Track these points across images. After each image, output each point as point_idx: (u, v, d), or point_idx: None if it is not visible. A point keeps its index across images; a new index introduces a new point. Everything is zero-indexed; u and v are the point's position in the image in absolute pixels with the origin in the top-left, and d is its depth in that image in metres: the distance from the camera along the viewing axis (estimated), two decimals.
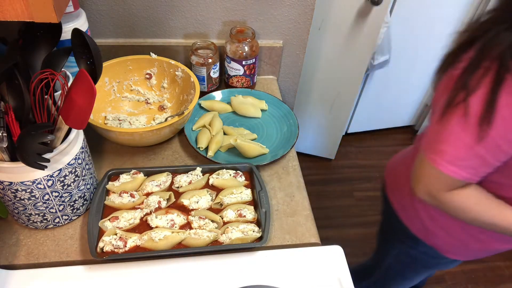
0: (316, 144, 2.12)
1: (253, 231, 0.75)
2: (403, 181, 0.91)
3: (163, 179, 0.83)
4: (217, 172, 0.85)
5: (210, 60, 1.02)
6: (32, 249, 0.73)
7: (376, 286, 1.21)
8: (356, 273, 1.30)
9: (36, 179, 0.64)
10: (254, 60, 1.06)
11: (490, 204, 0.70)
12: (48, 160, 0.61)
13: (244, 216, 0.78)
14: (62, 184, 0.68)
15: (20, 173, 0.63)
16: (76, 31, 0.63)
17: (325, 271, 0.75)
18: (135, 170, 0.83)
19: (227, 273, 0.73)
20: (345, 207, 2.00)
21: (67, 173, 0.68)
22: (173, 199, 0.79)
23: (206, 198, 0.81)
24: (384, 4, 1.46)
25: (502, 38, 0.59)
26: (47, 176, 0.65)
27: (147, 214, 0.77)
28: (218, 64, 1.05)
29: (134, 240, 0.72)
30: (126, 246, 0.71)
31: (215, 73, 1.06)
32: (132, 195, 0.79)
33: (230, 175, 0.84)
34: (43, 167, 0.60)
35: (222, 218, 0.77)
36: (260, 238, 0.75)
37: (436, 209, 0.81)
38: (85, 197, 0.76)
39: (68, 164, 0.67)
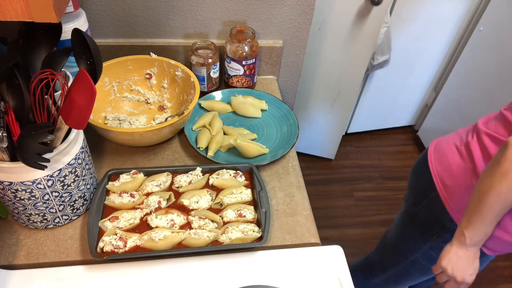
0: (316, 144, 2.12)
1: (253, 231, 0.75)
2: (458, 169, 0.87)
3: (163, 179, 0.83)
4: (217, 172, 0.85)
5: (210, 60, 1.02)
6: (32, 249, 0.73)
7: (389, 282, 1.18)
8: (364, 269, 1.24)
9: (36, 179, 0.64)
10: (254, 60, 1.06)
11: None
12: (48, 160, 0.61)
13: (244, 216, 0.78)
14: (62, 184, 0.68)
15: (20, 173, 0.63)
16: (76, 31, 0.63)
17: (325, 271, 0.75)
18: (135, 170, 0.83)
19: (227, 273, 0.73)
20: (345, 207, 2.00)
21: (67, 173, 0.68)
22: (173, 199, 0.79)
23: (206, 198, 0.81)
24: (384, 4, 1.46)
25: None
26: (47, 176, 0.65)
27: (147, 214, 0.77)
28: (218, 64, 1.05)
29: (134, 240, 0.72)
30: (126, 246, 0.71)
31: (215, 73, 1.06)
32: (132, 195, 0.79)
33: (230, 175, 0.84)
34: (43, 167, 0.60)
35: (222, 218, 0.77)
36: (260, 238, 0.75)
37: None
38: (85, 197, 0.76)
39: (68, 164, 0.67)
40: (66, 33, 0.75)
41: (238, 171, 0.86)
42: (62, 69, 0.71)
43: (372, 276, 1.22)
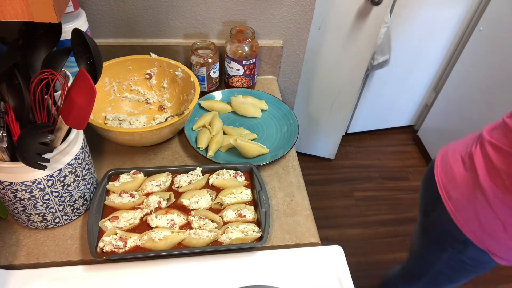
0: (316, 144, 2.12)
1: (253, 231, 0.75)
2: (462, 180, 0.87)
3: (163, 179, 0.83)
4: (217, 172, 0.85)
5: (210, 60, 1.02)
6: (32, 249, 0.73)
7: None
8: (400, 277, 1.22)
9: (36, 179, 0.64)
10: (254, 60, 1.06)
11: None
12: (48, 160, 0.61)
13: (244, 216, 0.78)
14: (62, 184, 0.68)
15: (20, 173, 0.63)
16: (76, 31, 0.63)
17: (325, 271, 0.75)
18: (135, 170, 0.83)
19: (227, 273, 0.73)
20: (345, 207, 2.00)
21: (67, 173, 0.68)
22: (173, 199, 0.79)
23: (206, 198, 0.81)
24: (384, 4, 1.46)
25: None
26: (47, 176, 0.65)
27: (147, 214, 0.77)
28: (218, 64, 1.05)
29: (134, 240, 0.72)
30: (126, 246, 0.71)
31: (215, 73, 1.06)
32: (132, 195, 0.79)
33: (230, 175, 0.84)
34: (43, 167, 0.60)
35: (222, 218, 0.77)
36: (260, 238, 0.75)
37: (500, 207, 0.79)
38: (85, 197, 0.76)
39: (68, 164, 0.67)
40: (66, 33, 0.75)
41: (238, 171, 0.86)
42: (62, 69, 0.71)
43: (409, 284, 1.19)
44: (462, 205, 0.88)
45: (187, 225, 0.76)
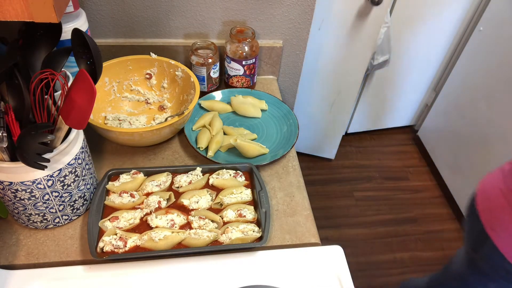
0: (316, 144, 2.12)
1: (253, 231, 0.75)
2: (506, 216, 0.85)
3: (163, 179, 0.83)
4: (217, 172, 0.85)
5: (210, 60, 1.02)
6: (32, 249, 0.73)
7: None
8: None
9: (36, 179, 0.64)
10: (254, 60, 1.06)
11: None
12: (48, 160, 0.61)
13: (244, 216, 0.78)
14: (62, 184, 0.68)
15: (20, 173, 0.63)
16: (76, 31, 0.63)
17: (325, 271, 0.75)
18: (135, 170, 0.83)
19: (227, 273, 0.73)
20: (345, 207, 2.00)
21: (67, 173, 0.68)
22: (173, 199, 0.79)
23: (206, 198, 0.81)
24: (384, 4, 1.46)
25: None
26: (47, 176, 0.65)
27: (147, 214, 0.77)
28: (218, 64, 1.05)
29: (134, 240, 0.72)
30: (126, 246, 0.71)
31: (215, 73, 1.06)
32: (132, 195, 0.79)
33: (230, 175, 0.84)
34: (43, 167, 0.60)
35: (222, 218, 0.77)
36: (260, 238, 0.75)
37: None
38: (85, 197, 0.76)
39: (68, 164, 0.67)
40: (66, 33, 0.75)
41: (238, 171, 0.86)
42: (62, 69, 0.71)
43: None
44: (511, 240, 0.86)
45: (187, 225, 0.76)
